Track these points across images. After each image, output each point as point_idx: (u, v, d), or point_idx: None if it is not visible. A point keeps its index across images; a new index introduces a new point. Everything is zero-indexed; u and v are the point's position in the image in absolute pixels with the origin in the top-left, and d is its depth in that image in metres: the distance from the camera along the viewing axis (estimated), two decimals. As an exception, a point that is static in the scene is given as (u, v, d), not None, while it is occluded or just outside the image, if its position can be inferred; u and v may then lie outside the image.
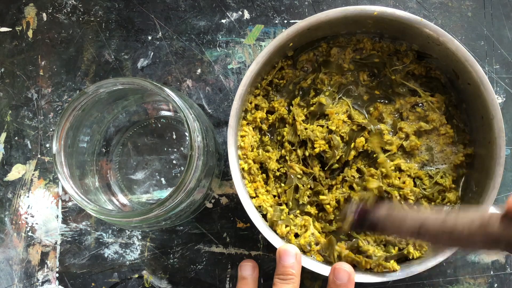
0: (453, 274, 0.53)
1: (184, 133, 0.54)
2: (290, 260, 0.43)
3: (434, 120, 0.48)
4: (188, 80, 0.55)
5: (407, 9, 0.56)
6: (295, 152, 0.49)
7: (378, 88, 0.50)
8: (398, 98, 0.50)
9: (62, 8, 0.57)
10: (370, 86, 0.50)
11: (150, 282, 0.54)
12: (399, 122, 0.49)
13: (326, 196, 0.48)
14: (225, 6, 0.56)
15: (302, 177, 0.49)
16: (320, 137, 0.48)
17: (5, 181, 0.55)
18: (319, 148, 0.48)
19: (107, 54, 0.56)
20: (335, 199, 0.48)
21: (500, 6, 0.56)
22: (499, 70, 0.55)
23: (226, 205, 0.54)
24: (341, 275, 0.42)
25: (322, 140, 0.48)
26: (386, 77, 0.50)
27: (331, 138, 0.48)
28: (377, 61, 0.50)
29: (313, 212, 0.48)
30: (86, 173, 0.48)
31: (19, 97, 0.56)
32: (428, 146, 0.49)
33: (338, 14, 0.46)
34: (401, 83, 0.50)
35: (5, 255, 0.54)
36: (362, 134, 0.48)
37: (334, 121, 0.48)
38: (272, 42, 0.45)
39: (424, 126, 0.48)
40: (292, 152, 0.49)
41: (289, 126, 0.49)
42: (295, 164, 0.49)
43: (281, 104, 0.50)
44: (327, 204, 0.48)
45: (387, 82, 0.50)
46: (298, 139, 0.49)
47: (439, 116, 0.49)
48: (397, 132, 0.49)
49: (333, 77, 0.50)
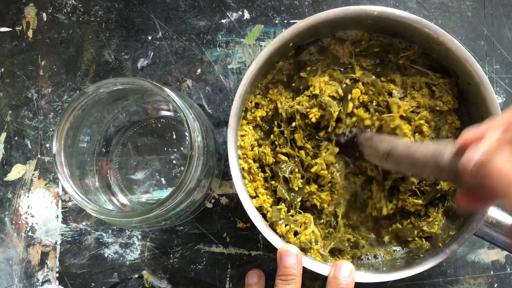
0: (453, 274, 0.53)
1: (184, 133, 0.54)
2: (291, 260, 0.42)
3: (449, 101, 0.48)
4: (188, 80, 0.55)
5: (407, 9, 0.56)
6: (283, 135, 0.49)
7: (384, 74, 0.49)
8: (408, 78, 0.49)
9: (62, 8, 0.57)
10: (375, 72, 0.50)
11: (150, 282, 0.54)
12: (411, 91, 0.48)
13: (317, 165, 0.48)
14: (225, 6, 0.56)
15: (289, 163, 0.48)
16: (309, 106, 0.47)
17: (5, 181, 0.55)
18: (314, 116, 0.47)
19: (107, 54, 0.56)
20: (325, 162, 0.48)
21: (500, 6, 0.56)
22: (499, 70, 0.55)
23: (226, 205, 0.54)
24: (343, 269, 0.42)
25: (314, 108, 0.47)
26: (391, 62, 0.50)
27: (320, 102, 0.47)
28: (377, 50, 0.50)
29: (313, 189, 0.48)
30: (86, 173, 0.48)
31: (19, 97, 0.56)
32: (437, 125, 0.49)
33: (338, 14, 0.46)
34: (409, 66, 0.49)
35: (5, 255, 0.54)
36: (357, 86, 0.48)
37: (316, 85, 0.47)
38: (272, 42, 0.45)
39: (441, 106, 0.48)
40: (280, 137, 0.49)
41: (277, 114, 0.49)
42: (281, 149, 0.48)
43: (275, 93, 0.50)
44: (320, 170, 0.48)
45: (393, 66, 0.50)
46: (282, 118, 0.48)
47: (452, 98, 0.48)
48: (406, 96, 0.48)
49: (327, 65, 0.50)
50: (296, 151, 0.48)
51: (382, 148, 0.42)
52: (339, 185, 0.49)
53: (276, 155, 0.49)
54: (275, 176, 0.49)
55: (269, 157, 0.48)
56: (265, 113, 0.49)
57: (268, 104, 0.50)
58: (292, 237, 0.47)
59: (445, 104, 0.48)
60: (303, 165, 0.49)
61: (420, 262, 0.45)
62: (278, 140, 0.49)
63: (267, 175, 0.49)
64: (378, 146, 0.42)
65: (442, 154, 0.35)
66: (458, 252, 0.53)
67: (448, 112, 0.49)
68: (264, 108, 0.50)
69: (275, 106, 0.49)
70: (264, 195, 0.48)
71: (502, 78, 0.55)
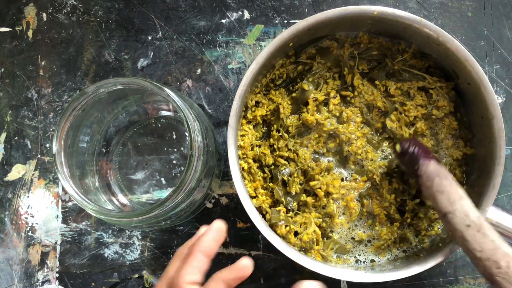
0: (453, 274, 0.53)
1: (184, 133, 0.54)
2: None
3: (444, 106, 0.48)
4: (188, 80, 0.55)
5: (407, 9, 0.56)
6: (282, 138, 0.49)
7: (379, 77, 0.50)
8: (403, 83, 0.50)
9: (62, 8, 0.57)
10: (370, 76, 0.50)
11: (150, 282, 0.54)
12: (404, 100, 0.49)
13: (317, 181, 0.48)
14: (225, 6, 0.56)
15: (289, 166, 0.49)
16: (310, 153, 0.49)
17: (5, 181, 0.55)
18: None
19: (107, 54, 0.56)
20: (326, 184, 0.48)
21: (500, 6, 0.56)
22: (499, 70, 0.55)
23: (226, 205, 0.54)
24: None
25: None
26: (387, 66, 0.50)
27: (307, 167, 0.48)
28: (375, 53, 0.50)
29: (309, 201, 0.48)
30: (86, 173, 0.48)
31: (19, 97, 0.56)
32: (434, 131, 0.49)
33: (338, 14, 0.46)
34: (404, 70, 0.49)
35: (5, 255, 0.54)
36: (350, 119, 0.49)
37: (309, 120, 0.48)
38: (272, 42, 0.45)
39: (437, 114, 0.48)
40: (279, 140, 0.49)
41: (278, 119, 0.49)
42: (281, 153, 0.49)
43: (277, 94, 0.50)
44: (318, 188, 0.48)
45: (389, 71, 0.50)
46: (283, 123, 0.49)
47: (448, 103, 0.48)
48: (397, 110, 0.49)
49: (327, 67, 0.50)
50: (297, 159, 0.49)
51: (442, 205, 0.41)
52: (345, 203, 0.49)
53: (276, 158, 0.49)
54: (274, 178, 0.49)
55: (268, 157, 0.49)
56: (265, 112, 0.49)
57: (269, 104, 0.50)
58: (293, 238, 0.47)
59: (441, 110, 0.48)
60: (304, 173, 0.49)
61: (420, 262, 0.45)
62: (278, 143, 0.49)
63: (266, 175, 0.49)
64: (438, 199, 0.41)
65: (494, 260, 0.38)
66: (458, 252, 0.53)
67: (445, 115, 0.49)
68: (264, 107, 0.50)
69: (276, 108, 0.49)
70: (264, 195, 0.48)
71: (502, 78, 0.55)
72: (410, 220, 0.48)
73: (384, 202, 0.48)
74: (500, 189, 0.45)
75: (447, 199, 0.41)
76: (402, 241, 0.49)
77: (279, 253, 0.44)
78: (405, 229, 0.49)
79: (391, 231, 0.48)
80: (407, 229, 0.49)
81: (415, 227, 0.49)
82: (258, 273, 0.53)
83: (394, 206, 0.48)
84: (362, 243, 0.49)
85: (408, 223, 0.49)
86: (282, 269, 0.53)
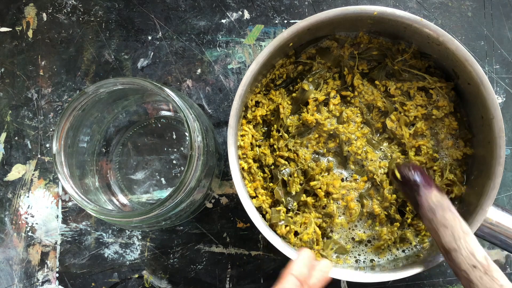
0: (453, 274, 0.53)
1: (184, 133, 0.54)
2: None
3: (444, 106, 0.48)
4: (188, 80, 0.55)
5: (407, 9, 0.56)
6: (282, 138, 0.49)
7: (379, 77, 0.50)
8: (403, 83, 0.50)
9: (62, 8, 0.57)
10: (370, 76, 0.50)
11: (150, 282, 0.54)
12: (404, 100, 0.49)
13: (317, 181, 0.48)
14: (225, 6, 0.56)
15: (289, 166, 0.49)
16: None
17: (5, 181, 0.55)
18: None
19: (107, 54, 0.56)
20: (326, 184, 0.48)
21: (500, 6, 0.56)
22: (499, 70, 0.55)
23: (226, 205, 0.54)
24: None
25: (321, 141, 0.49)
26: (387, 66, 0.50)
27: (308, 167, 0.49)
28: (375, 53, 0.50)
29: (309, 201, 0.48)
30: (86, 173, 0.48)
31: (19, 97, 0.56)
32: (434, 131, 0.49)
33: (338, 14, 0.46)
34: (404, 70, 0.49)
35: (5, 255, 0.54)
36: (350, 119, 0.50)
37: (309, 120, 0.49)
38: (272, 42, 0.45)
39: (437, 114, 0.48)
40: (279, 140, 0.49)
41: (278, 119, 0.50)
42: (281, 153, 0.49)
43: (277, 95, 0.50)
44: (318, 188, 0.48)
45: (389, 71, 0.50)
46: (283, 123, 0.49)
47: (448, 103, 0.48)
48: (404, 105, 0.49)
49: (328, 67, 0.50)
50: (297, 159, 0.49)
51: (445, 240, 0.38)
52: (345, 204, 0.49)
53: (276, 158, 0.49)
54: (274, 178, 0.49)
55: (268, 157, 0.49)
56: (265, 112, 0.49)
57: (269, 104, 0.50)
58: (293, 238, 0.47)
59: (441, 110, 0.48)
60: (304, 173, 0.49)
61: (420, 262, 0.45)
62: (278, 143, 0.49)
63: (266, 175, 0.49)
64: (441, 233, 0.39)
65: None
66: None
67: (445, 115, 0.49)
68: (264, 107, 0.50)
69: (276, 108, 0.49)
70: (264, 195, 0.48)
71: (502, 78, 0.55)
72: (410, 220, 0.48)
73: (384, 202, 0.48)
74: (500, 189, 0.45)
75: (451, 235, 0.38)
76: (402, 241, 0.49)
77: (279, 253, 0.44)
78: (405, 229, 0.49)
79: (391, 231, 0.48)
80: (407, 229, 0.49)
81: (415, 227, 0.49)
82: (258, 273, 0.53)
83: (394, 206, 0.48)
84: (362, 243, 0.49)
85: (408, 223, 0.49)
86: (282, 269, 0.53)
